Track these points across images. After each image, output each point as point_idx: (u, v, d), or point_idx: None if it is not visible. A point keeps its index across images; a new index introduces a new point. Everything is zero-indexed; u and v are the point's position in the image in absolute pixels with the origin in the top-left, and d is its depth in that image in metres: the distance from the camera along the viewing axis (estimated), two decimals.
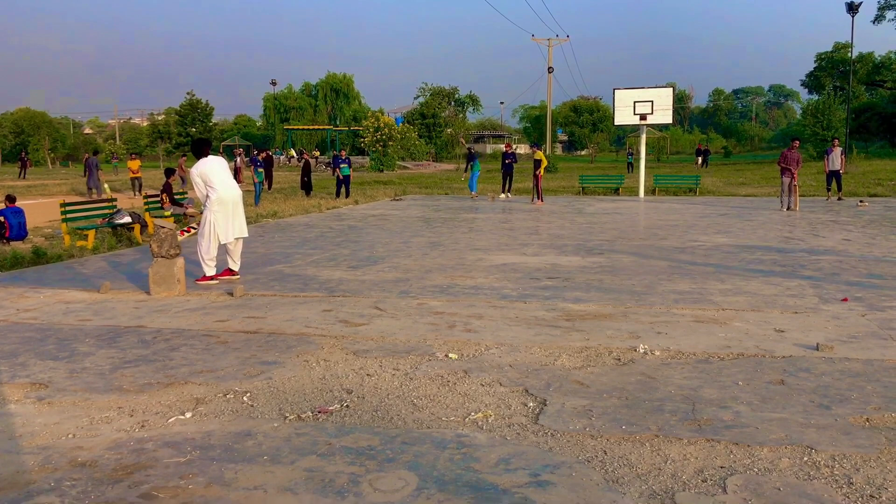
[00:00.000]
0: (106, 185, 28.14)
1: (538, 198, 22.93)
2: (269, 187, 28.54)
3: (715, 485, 3.55)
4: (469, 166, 26.21)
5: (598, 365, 5.54)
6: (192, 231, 8.76)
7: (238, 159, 40.27)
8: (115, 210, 14.50)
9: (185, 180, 28.35)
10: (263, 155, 29.03)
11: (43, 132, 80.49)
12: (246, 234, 9.44)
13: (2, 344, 6.33)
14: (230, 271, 9.40)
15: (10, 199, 14.42)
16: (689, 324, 6.77)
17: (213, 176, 9.02)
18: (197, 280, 9.09)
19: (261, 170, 23.19)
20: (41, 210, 20.21)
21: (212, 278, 9.11)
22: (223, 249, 9.31)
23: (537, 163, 23.03)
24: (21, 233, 13.76)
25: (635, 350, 5.90)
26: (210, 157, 9.15)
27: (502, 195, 25.16)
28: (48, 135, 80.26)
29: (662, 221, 16.52)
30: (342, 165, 25.32)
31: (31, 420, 4.52)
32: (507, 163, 25.58)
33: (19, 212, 13.92)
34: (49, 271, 10.21)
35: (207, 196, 9.04)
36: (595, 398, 4.79)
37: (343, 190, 24.99)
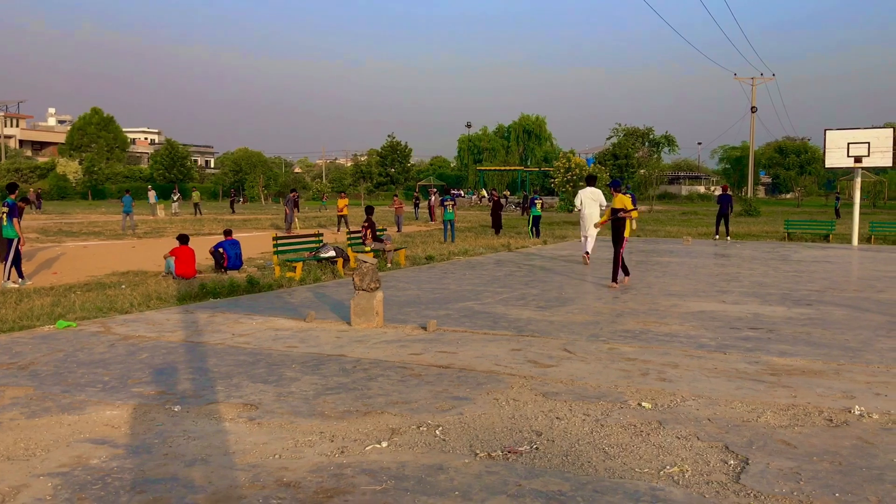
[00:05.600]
0: (296, 221, 30.12)
1: (621, 275, 12.75)
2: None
3: None
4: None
5: (806, 425, 5.14)
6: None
7: (432, 198, 41.98)
8: (320, 245, 15.49)
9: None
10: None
11: (258, 171, 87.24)
12: (585, 239, 16.53)
13: (219, 365, 6.89)
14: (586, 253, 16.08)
15: (227, 232, 15.79)
16: None
17: (582, 198, 16.46)
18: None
19: (451, 209, 23.80)
20: (254, 242, 21.93)
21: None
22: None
23: (614, 211, 13.03)
24: (237, 263, 14.98)
25: (850, 411, 5.42)
26: (588, 188, 16.37)
27: (717, 237, 24.75)
28: (262, 173, 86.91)
29: (880, 272, 15.15)
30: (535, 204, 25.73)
31: (242, 438, 4.87)
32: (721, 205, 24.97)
33: (236, 244, 15.18)
34: (261, 299, 11.03)
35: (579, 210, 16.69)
36: (803, 460, 4.44)
37: (533, 229, 25.13)
